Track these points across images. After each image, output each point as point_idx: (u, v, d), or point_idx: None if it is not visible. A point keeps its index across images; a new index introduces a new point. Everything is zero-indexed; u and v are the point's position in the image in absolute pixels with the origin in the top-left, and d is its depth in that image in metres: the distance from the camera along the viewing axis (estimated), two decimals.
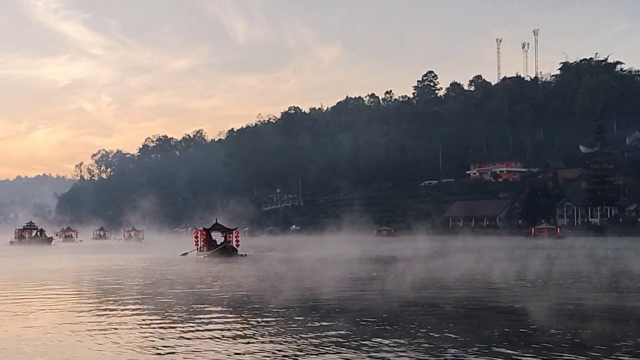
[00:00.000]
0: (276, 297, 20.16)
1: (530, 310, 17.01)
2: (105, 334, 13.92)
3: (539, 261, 37.05)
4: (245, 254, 45.55)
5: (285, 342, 13.02)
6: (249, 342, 13.06)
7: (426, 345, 12.58)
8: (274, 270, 31.97)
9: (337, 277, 27.21)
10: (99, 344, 12.85)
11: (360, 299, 20.10)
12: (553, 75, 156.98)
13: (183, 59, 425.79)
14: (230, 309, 17.94)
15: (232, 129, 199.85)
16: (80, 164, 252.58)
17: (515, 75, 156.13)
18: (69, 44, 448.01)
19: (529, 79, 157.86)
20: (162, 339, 13.37)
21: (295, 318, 16.03)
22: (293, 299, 19.95)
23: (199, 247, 47.10)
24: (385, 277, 27.50)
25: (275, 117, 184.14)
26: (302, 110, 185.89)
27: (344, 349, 12.33)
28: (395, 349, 12.26)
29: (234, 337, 13.48)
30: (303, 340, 13.09)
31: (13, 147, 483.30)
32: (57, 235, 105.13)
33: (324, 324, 15.05)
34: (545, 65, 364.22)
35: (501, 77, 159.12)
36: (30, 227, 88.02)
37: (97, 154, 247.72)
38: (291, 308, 17.84)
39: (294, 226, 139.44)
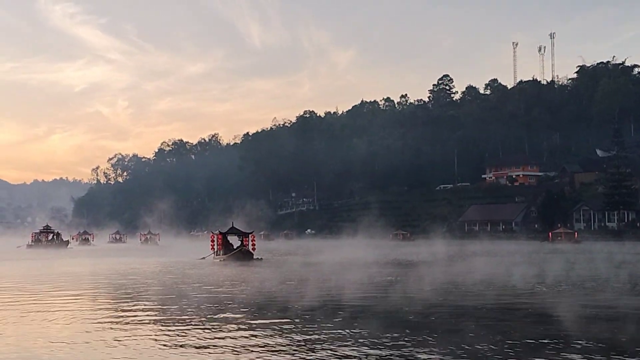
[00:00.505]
0: (300, 301, 20.24)
1: (558, 314, 17.05)
2: (123, 337, 13.96)
3: (559, 265, 36.93)
4: (261, 258, 45.71)
5: (312, 345, 13.07)
6: (274, 346, 13.08)
7: (455, 348, 12.61)
8: (294, 274, 32.01)
9: (359, 281, 27.31)
10: (119, 347, 12.93)
11: (385, 303, 20.12)
12: (570, 79, 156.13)
13: (199, 64, 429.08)
14: (254, 313, 17.92)
15: (248, 132, 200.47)
16: (97, 168, 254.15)
17: (531, 79, 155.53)
18: (86, 49, 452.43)
19: (545, 82, 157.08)
20: (187, 344, 13.35)
21: (321, 321, 16.08)
22: (317, 302, 19.99)
23: (215, 251, 47.22)
24: (407, 281, 27.54)
25: (291, 121, 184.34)
26: (318, 114, 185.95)
27: (374, 351, 12.39)
28: (427, 353, 12.30)
29: (259, 345, 13.42)
30: (330, 344, 13.13)
31: (31, 151, 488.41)
32: (73, 238, 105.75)
33: (351, 328, 15.06)
34: (561, 69, 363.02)
35: (517, 81, 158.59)
36: (46, 230, 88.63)
37: (113, 157, 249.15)
38: (315, 311, 17.90)
39: (309, 230, 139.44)
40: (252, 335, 14.25)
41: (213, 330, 14.92)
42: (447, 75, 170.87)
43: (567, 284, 26.08)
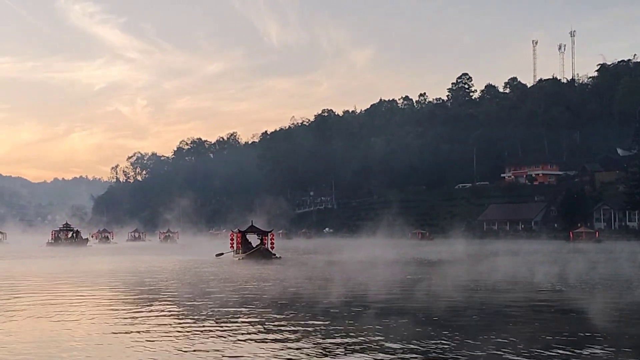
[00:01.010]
0: (327, 298, 20.30)
1: (588, 312, 17.16)
2: (145, 336, 13.95)
3: (583, 264, 36.84)
4: (280, 257, 45.69)
5: (343, 343, 13.09)
6: (307, 344, 13.07)
7: (491, 345, 12.70)
8: (318, 273, 32.05)
9: (384, 279, 27.44)
10: (140, 346, 12.92)
11: (413, 301, 20.23)
12: (590, 77, 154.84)
13: (217, 63, 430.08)
14: (281, 311, 17.90)
15: (266, 131, 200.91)
16: (116, 167, 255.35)
17: (551, 77, 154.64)
18: (105, 48, 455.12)
19: (565, 80, 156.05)
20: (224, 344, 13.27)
21: (350, 319, 16.15)
22: (345, 300, 20.09)
23: (234, 249, 47.31)
24: (432, 280, 27.65)
25: (309, 120, 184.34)
26: (336, 113, 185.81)
27: (412, 346, 12.56)
28: (464, 350, 12.35)
29: (283, 339, 13.43)
30: (363, 342, 13.19)
31: (51, 149, 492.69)
32: (93, 236, 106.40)
33: (383, 325, 15.11)
34: (582, 67, 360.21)
35: (537, 79, 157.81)
36: (66, 228, 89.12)
37: (132, 156, 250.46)
38: (344, 309, 17.98)
39: (327, 229, 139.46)
40: (280, 334, 14.26)
41: (238, 329, 14.88)
42: (466, 74, 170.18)
43: (593, 283, 26.17)
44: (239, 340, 13.48)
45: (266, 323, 15.62)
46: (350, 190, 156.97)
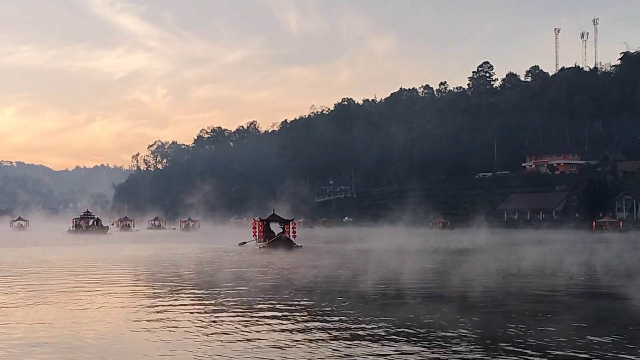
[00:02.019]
0: (363, 287, 20.41)
1: (632, 297, 17.52)
2: (169, 325, 13.97)
3: (611, 253, 37.08)
4: (301, 245, 45.56)
5: (388, 331, 13.24)
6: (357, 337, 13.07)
7: (536, 330, 13.01)
8: (347, 261, 31.96)
9: (415, 268, 27.56)
10: (163, 333, 13.03)
11: (451, 288, 20.57)
12: (613, 66, 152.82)
13: (237, 51, 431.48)
14: (316, 300, 17.82)
15: (286, 120, 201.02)
16: (137, 155, 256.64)
17: (573, 66, 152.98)
18: (126, 37, 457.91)
19: (588, 69, 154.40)
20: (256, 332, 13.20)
21: (390, 308, 16.30)
22: (382, 288, 20.32)
23: (257, 238, 47.47)
24: (465, 267, 27.79)
25: (329, 109, 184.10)
26: (356, 102, 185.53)
27: (461, 334, 12.74)
28: (512, 335, 12.61)
29: (330, 332, 13.31)
30: (412, 328, 13.36)
31: (72, 138, 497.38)
32: (115, 224, 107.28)
33: (427, 313, 15.30)
34: (605, 56, 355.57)
35: (559, 68, 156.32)
36: (87, 216, 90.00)
37: (153, 144, 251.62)
38: (384, 297, 18.33)
39: (346, 218, 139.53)
40: (319, 322, 14.27)
41: (269, 317, 14.89)
42: (487, 62, 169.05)
43: (626, 270, 26.59)
44: (284, 330, 13.43)
45: (304, 310, 15.72)
46: (370, 179, 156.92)
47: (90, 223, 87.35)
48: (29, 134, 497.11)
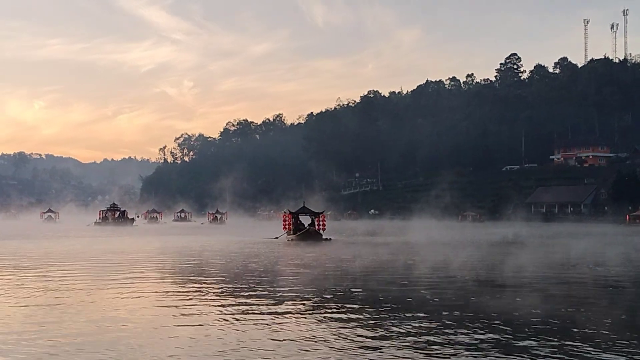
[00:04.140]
0: (425, 278, 20.79)
1: None
2: (200, 319, 13.81)
3: None
4: (330, 238, 45.25)
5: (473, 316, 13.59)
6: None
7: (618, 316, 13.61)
8: (393, 254, 31.83)
9: (467, 260, 27.83)
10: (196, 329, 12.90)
11: (516, 278, 20.89)
12: None
13: (263, 44, 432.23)
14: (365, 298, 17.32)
15: (312, 113, 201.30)
16: (164, 147, 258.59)
17: (603, 57, 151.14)
18: (153, 30, 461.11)
19: (617, 60, 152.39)
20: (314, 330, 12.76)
21: (468, 296, 16.87)
22: (446, 278, 20.82)
23: (287, 230, 47.74)
24: (514, 259, 27.89)
25: (355, 101, 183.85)
26: (382, 94, 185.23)
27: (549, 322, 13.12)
28: (595, 323, 13.02)
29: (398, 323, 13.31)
30: (497, 317, 13.63)
31: (100, 130, 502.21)
32: (143, 216, 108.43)
33: (506, 301, 15.75)
34: (635, 47, 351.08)
35: (588, 59, 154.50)
36: (113, 208, 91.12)
37: (180, 137, 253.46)
38: (451, 286, 18.80)
39: (372, 210, 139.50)
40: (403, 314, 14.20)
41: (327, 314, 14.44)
42: (515, 54, 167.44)
43: None
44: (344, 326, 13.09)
45: (363, 307, 15.44)
46: (396, 172, 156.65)
47: (117, 215, 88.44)
48: (58, 127, 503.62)
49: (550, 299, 16.09)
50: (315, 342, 11.55)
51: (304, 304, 15.66)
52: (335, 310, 14.83)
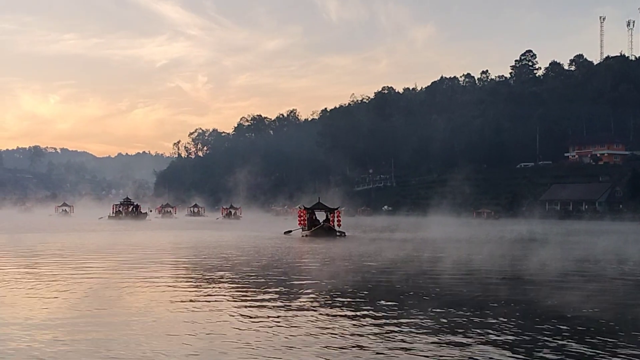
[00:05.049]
0: (459, 275, 20.87)
1: None
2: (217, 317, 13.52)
3: None
4: (344, 234, 44.91)
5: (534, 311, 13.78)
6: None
7: None
8: (413, 250, 31.84)
9: (494, 256, 28.01)
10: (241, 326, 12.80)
11: (551, 274, 21.22)
12: None
13: (277, 39, 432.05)
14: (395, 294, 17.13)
15: (325, 108, 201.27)
16: (178, 142, 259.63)
17: (619, 54, 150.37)
18: (167, 25, 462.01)
19: (633, 58, 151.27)
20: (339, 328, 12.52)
21: (517, 292, 17.06)
22: (484, 273, 21.07)
23: (302, 226, 47.81)
24: (542, 255, 28.12)
25: (369, 97, 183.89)
26: (396, 90, 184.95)
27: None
28: None
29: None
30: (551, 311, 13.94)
31: (115, 125, 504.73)
32: (157, 211, 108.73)
33: (558, 295, 16.06)
34: None
35: (604, 57, 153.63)
36: (126, 203, 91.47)
37: (193, 132, 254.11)
38: (490, 281, 19.04)
39: (385, 207, 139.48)
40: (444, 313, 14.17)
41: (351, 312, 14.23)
42: (530, 51, 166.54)
43: None
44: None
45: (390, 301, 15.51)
46: (409, 169, 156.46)
47: (130, 209, 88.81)
48: (72, 121, 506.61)
49: (591, 297, 16.24)
50: (344, 338, 11.55)
51: (325, 300, 15.67)
52: (368, 306, 14.83)
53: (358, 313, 13.83)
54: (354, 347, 10.82)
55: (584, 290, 17.45)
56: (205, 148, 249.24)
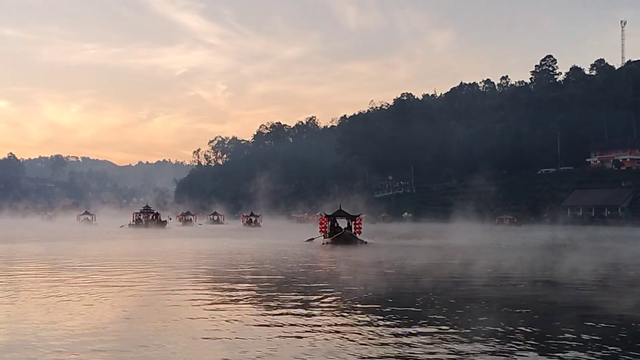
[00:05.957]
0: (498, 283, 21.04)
1: None
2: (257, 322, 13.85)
3: None
4: (366, 241, 44.72)
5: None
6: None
7: None
8: (442, 258, 31.81)
9: (528, 262, 28.16)
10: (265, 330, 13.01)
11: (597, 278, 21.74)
12: None
13: (295, 47, 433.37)
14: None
15: (345, 115, 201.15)
16: (198, 150, 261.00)
17: None
18: (186, 34, 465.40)
19: None
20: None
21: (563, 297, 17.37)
22: (518, 279, 21.42)
23: (324, 233, 47.83)
24: (579, 261, 28.21)
25: (388, 104, 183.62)
26: (415, 97, 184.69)
27: None
28: None
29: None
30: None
31: (135, 133, 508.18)
32: (177, 218, 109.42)
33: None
34: None
35: (625, 61, 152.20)
36: (146, 211, 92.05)
37: (213, 140, 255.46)
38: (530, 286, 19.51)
39: (405, 213, 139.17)
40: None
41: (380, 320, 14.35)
42: (550, 56, 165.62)
43: None
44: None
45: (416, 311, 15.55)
46: (429, 175, 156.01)
47: (150, 217, 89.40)
48: (93, 130, 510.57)
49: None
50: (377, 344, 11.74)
51: (351, 308, 15.83)
52: (398, 312, 15.04)
53: (404, 321, 14.01)
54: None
55: (632, 294, 17.80)
56: (225, 156, 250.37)
